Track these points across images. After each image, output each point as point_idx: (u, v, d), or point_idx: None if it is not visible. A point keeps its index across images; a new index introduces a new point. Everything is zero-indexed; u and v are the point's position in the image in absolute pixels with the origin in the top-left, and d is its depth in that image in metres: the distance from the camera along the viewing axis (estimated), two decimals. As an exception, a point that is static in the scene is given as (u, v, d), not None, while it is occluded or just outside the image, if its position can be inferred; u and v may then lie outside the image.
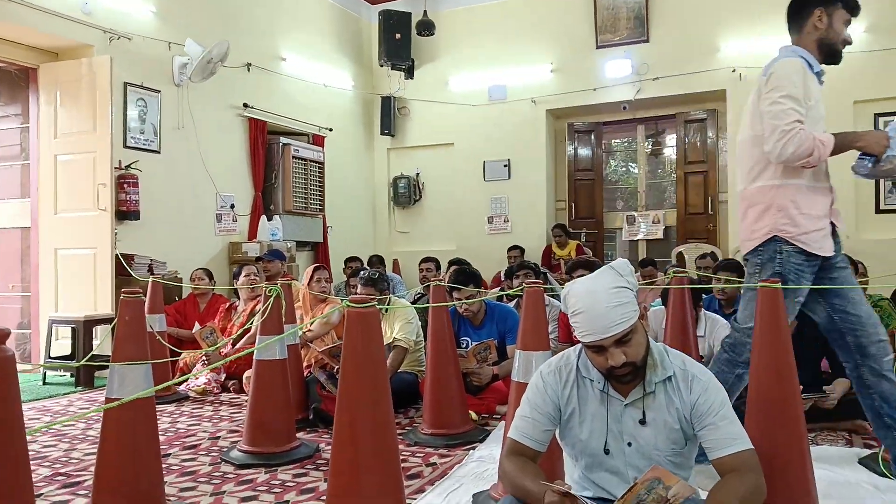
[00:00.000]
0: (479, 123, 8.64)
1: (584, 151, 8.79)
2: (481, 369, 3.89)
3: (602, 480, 1.81)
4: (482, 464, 2.98)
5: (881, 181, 7.03)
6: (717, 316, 3.92)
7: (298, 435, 3.38)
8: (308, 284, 4.69)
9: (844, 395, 3.30)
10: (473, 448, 3.26)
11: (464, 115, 8.68)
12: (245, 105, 7.14)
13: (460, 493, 2.65)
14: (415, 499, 2.62)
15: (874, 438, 3.12)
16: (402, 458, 3.13)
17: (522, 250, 8.10)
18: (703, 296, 4.27)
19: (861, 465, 2.85)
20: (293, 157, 7.52)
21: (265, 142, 7.37)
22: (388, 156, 9.31)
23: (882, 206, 7.06)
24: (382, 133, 9.09)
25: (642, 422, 1.75)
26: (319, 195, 7.95)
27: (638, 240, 8.61)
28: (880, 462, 2.74)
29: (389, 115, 9.02)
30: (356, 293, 4.27)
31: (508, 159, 8.61)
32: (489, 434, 3.47)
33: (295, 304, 4.53)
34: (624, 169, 9.48)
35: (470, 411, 3.63)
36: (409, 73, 8.88)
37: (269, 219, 7.17)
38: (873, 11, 6.86)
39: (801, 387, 3.21)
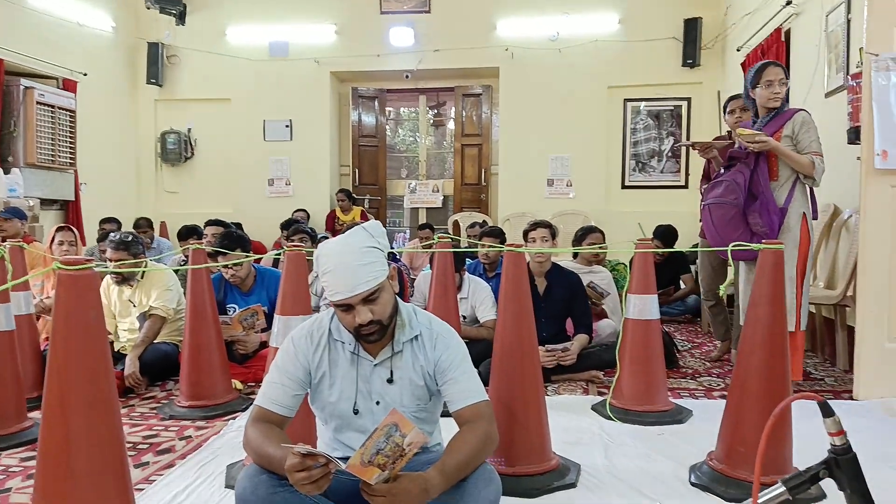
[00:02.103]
0: (258, 80, 8.23)
1: (368, 118, 8.78)
2: (247, 336, 3.74)
3: (351, 440, 1.81)
4: (242, 434, 2.85)
5: (627, 160, 7.92)
6: (479, 279, 4.15)
7: (33, 414, 3.00)
8: (49, 247, 4.15)
9: (583, 349, 3.68)
10: (234, 418, 3.13)
11: (242, 69, 8.20)
12: (-26, 38, 6.09)
13: (214, 465, 2.53)
14: (162, 475, 2.45)
15: (606, 386, 3.52)
16: (153, 433, 2.94)
17: (308, 214, 7.95)
18: (469, 261, 4.49)
19: (593, 410, 3.18)
20: (38, 102, 6.58)
21: (2, 83, 6.36)
22: (155, 108, 8.51)
23: (626, 183, 7.94)
24: (149, 82, 8.29)
25: (390, 380, 1.78)
26: (70, 147, 7.06)
27: (419, 207, 8.85)
28: (608, 407, 3.09)
29: (157, 64, 8.25)
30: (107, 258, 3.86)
31: (290, 120, 8.33)
32: (253, 403, 3.35)
33: (34, 269, 4.00)
34: (412, 138, 9.66)
35: (234, 380, 3.48)
36: (181, 18, 8.15)
37: (7, 172, 6.21)
38: (627, 5, 7.63)
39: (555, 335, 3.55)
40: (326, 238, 6.44)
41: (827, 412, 1.18)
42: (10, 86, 6.46)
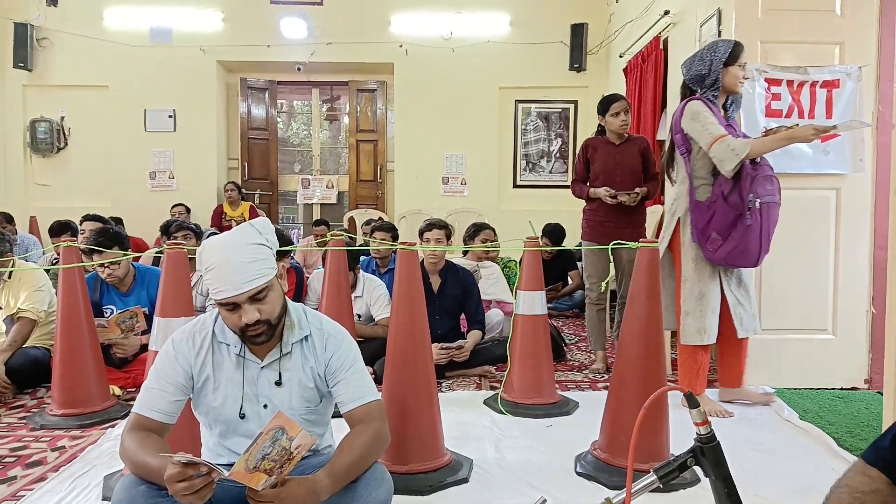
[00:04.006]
0: (139, 67, 7.78)
1: (258, 110, 8.52)
2: (126, 339, 3.54)
3: (237, 446, 1.76)
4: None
5: (518, 160, 8.13)
6: (374, 277, 4.13)
7: None
8: None
9: (476, 345, 3.75)
10: (112, 426, 2.96)
11: (121, 55, 7.72)
12: None
13: (90, 477, 2.39)
14: (32, 489, 2.29)
15: (498, 381, 3.61)
16: (22, 444, 2.74)
17: (188, 209, 7.62)
18: (363, 258, 4.46)
19: (485, 405, 3.25)
20: None
21: None
22: (23, 93, 7.87)
23: (518, 182, 8.15)
24: (16, 66, 7.65)
25: (278, 383, 1.75)
26: (-77, 134, 6.43)
27: (314, 203, 8.69)
28: (499, 401, 3.17)
29: (26, 46, 7.62)
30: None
31: (174, 109, 7.94)
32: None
33: None
34: (305, 132, 9.46)
35: (112, 386, 3.30)
36: (53, -2, 7.60)
37: None
38: (517, 7, 7.81)
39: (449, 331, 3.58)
40: (214, 234, 6.22)
41: (692, 403, 1.26)
42: None
